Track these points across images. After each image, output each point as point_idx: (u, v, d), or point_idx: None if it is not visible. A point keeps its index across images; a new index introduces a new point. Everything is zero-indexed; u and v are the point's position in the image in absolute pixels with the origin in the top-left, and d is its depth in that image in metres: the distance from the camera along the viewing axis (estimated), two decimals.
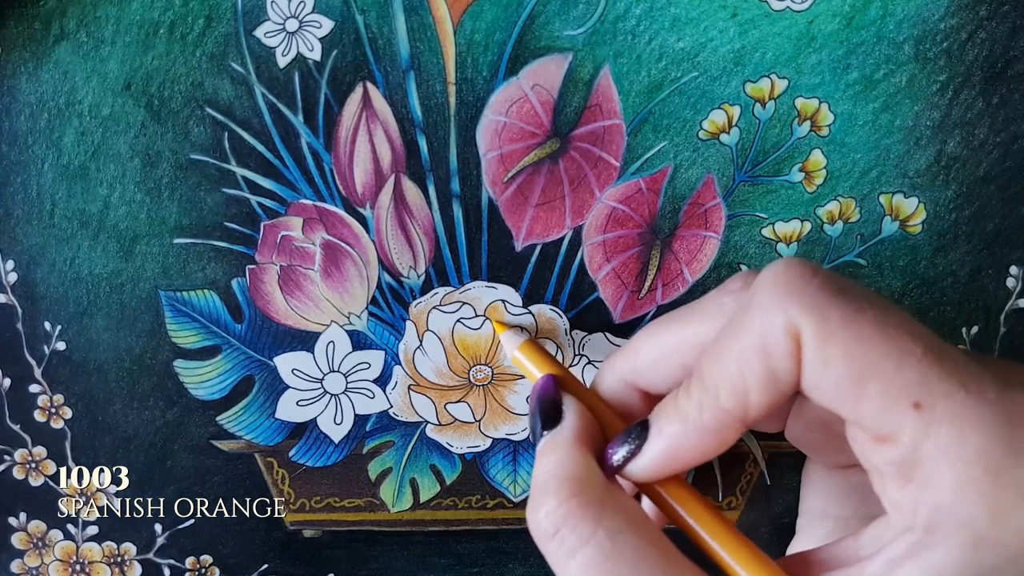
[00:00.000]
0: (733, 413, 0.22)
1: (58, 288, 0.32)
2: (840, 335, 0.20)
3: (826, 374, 0.20)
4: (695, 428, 0.22)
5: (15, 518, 0.35)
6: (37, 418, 0.34)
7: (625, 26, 0.29)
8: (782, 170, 0.31)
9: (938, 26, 0.29)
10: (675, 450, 0.23)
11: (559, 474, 0.23)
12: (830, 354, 0.20)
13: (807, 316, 0.20)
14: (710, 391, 0.22)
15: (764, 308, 0.21)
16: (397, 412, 0.34)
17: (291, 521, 0.35)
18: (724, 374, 0.22)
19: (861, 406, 0.20)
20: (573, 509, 0.22)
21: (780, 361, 0.21)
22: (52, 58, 0.30)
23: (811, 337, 0.20)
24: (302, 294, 0.32)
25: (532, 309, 0.33)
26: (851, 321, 0.20)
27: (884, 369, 0.20)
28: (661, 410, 0.23)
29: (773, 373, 0.21)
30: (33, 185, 0.31)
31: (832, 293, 0.21)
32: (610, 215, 0.31)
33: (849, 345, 0.20)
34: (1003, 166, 0.31)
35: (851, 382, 0.20)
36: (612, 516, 0.22)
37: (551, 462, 0.24)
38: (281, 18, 0.29)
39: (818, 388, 0.21)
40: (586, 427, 0.25)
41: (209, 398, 0.34)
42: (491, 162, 0.31)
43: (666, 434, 0.23)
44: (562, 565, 0.22)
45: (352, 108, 0.30)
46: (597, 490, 0.23)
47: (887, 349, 0.20)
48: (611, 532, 0.22)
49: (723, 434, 0.22)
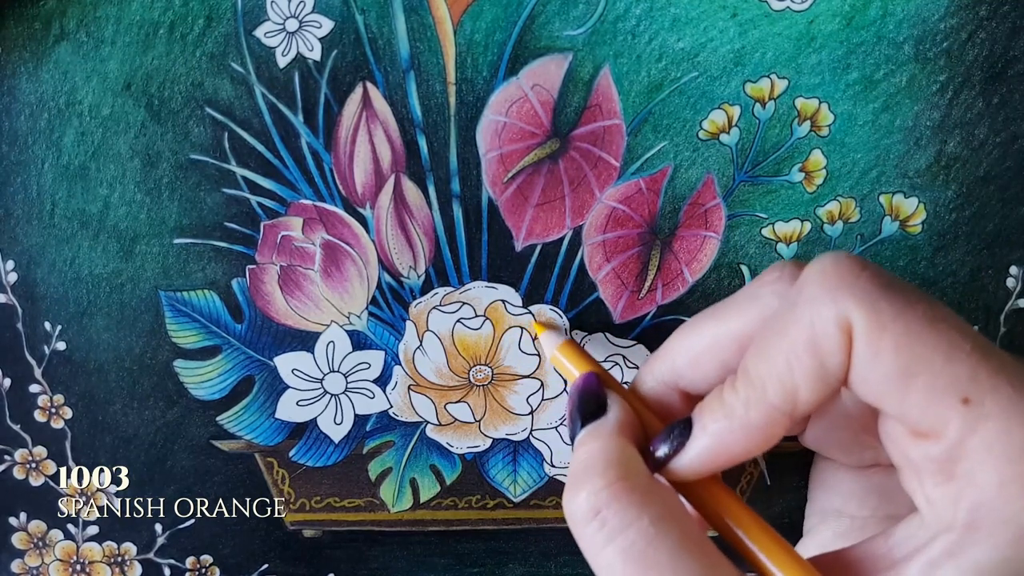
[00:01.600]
0: (781, 409, 0.22)
1: (58, 288, 0.32)
2: (892, 327, 0.20)
3: (876, 367, 0.20)
4: (741, 425, 0.22)
5: (15, 518, 0.35)
6: (37, 418, 0.34)
7: (625, 26, 0.29)
8: (782, 170, 0.31)
9: (938, 26, 0.29)
10: (719, 447, 0.23)
11: (604, 458, 0.23)
12: (881, 347, 0.20)
13: (860, 308, 0.20)
14: (757, 387, 0.22)
15: (814, 301, 0.21)
16: (397, 412, 0.34)
17: (291, 521, 0.35)
18: (772, 369, 0.21)
19: (908, 400, 0.20)
20: (618, 492, 0.22)
21: (831, 355, 0.21)
22: (52, 58, 0.30)
23: (863, 329, 0.20)
24: (302, 294, 0.32)
25: (532, 309, 0.33)
26: (901, 314, 0.20)
27: (933, 363, 0.20)
28: (705, 407, 0.23)
29: (823, 367, 0.21)
30: (33, 185, 0.31)
31: (882, 286, 0.21)
32: (610, 215, 0.31)
33: (900, 338, 0.20)
34: (1003, 166, 0.31)
35: (900, 375, 0.20)
36: (657, 504, 0.22)
37: (594, 449, 0.23)
38: (281, 18, 0.29)
39: (866, 381, 0.21)
40: (630, 423, 0.25)
41: (209, 398, 0.34)
42: (491, 162, 0.31)
43: (710, 431, 0.23)
44: (599, 549, 0.21)
45: (352, 108, 0.30)
46: (643, 476, 0.22)
47: (937, 343, 0.20)
48: (655, 519, 0.21)
49: (770, 430, 0.22)
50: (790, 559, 0.22)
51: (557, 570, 0.36)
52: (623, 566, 0.21)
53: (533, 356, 0.33)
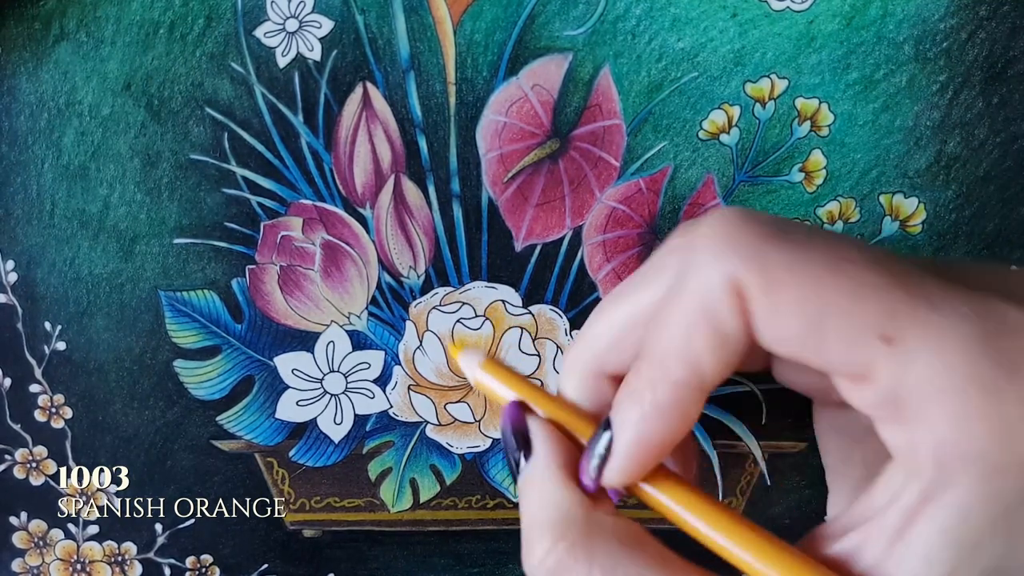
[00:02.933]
0: (688, 383, 0.20)
1: (58, 288, 0.32)
2: (788, 281, 0.19)
3: (780, 325, 0.19)
4: (653, 409, 0.21)
5: (16, 517, 0.35)
6: (37, 418, 0.34)
7: (625, 26, 0.29)
8: (782, 170, 0.31)
9: (938, 26, 0.29)
10: (643, 440, 0.21)
11: (540, 518, 0.22)
12: (780, 303, 0.19)
13: (747, 266, 0.19)
14: (659, 366, 0.20)
15: (701, 265, 0.19)
16: (397, 412, 0.34)
17: (291, 521, 0.35)
18: (671, 344, 0.20)
19: (825, 350, 0.19)
20: (563, 555, 0.21)
21: (727, 321, 0.19)
22: (52, 58, 0.30)
23: (756, 289, 0.19)
24: (302, 294, 0.32)
25: (532, 309, 0.33)
26: (796, 263, 0.19)
27: (841, 306, 0.18)
28: (617, 400, 0.22)
29: (722, 335, 0.19)
30: (33, 185, 0.31)
31: (771, 237, 0.19)
32: (610, 215, 0.31)
33: (798, 289, 0.19)
34: (1003, 166, 0.31)
35: (809, 327, 0.19)
36: (604, 549, 0.21)
37: (531, 503, 0.23)
38: (281, 18, 0.29)
39: (776, 341, 0.19)
40: (558, 452, 0.23)
41: (209, 398, 0.34)
42: (491, 162, 0.31)
43: (627, 425, 0.21)
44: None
45: (352, 108, 0.30)
46: (582, 526, 0.22)
47: (841, 284, 0.18)
48: (606, 568, 0.21)
49: (684, 408, 0.21)
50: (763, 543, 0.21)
51: None
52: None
53: (533, 356, 0.33)
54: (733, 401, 0.33)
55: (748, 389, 0.33)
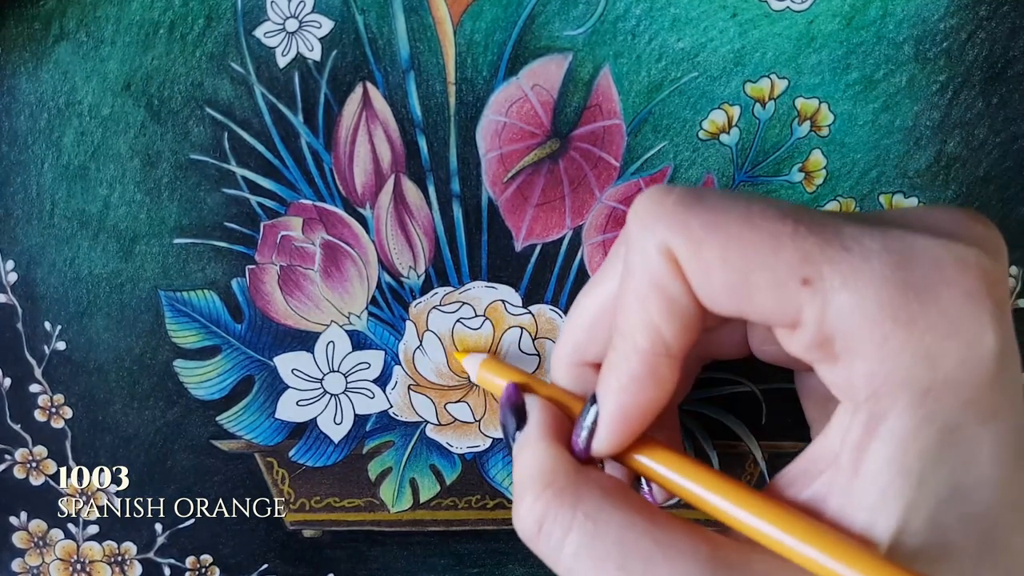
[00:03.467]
0: (655, 352, 0.22)
1: (58, 288, 0.32)
2: (708, 240, 0.20)
3: (711, 282, 0.20)
4: (629, 379, 0.22)
5: (16, 517, 0.35)
6: (37, 418, 0.34)
7: (625, 26, 0.29)
8: (782, 170, 0.31)
9: (938, 26, 0.29)
10: (625, 409, 0.23)
11: (531, 472, 0.23)
12: (706, 261, 0.20)
13: (673, 233, 0.20)
14: (628, 340, 0.22)
15: (636, 241, 0.21)
16: (397, 412, 0.34)
17: (291, 521, 0.35)
18: (632, 318, 0.22)
19: (754, 301, 0.20)
20: (550, 500, 0.22)
21: (670, 285, 0.21)
22: (52, 58, 0.30)
23: (683, 251, 0.20)
24: (302, 294, 0.32)
25: (532, 309, 0.33)
26: (714, 224, 0.20)
27: (761, 257, 0.19)
28: (599, 377, 0.23)
29: (670, 299, 0.21)
30: (33, 185, 0.31)
31: (689, 204, 0.20)
32: (610, 215, 0.31)
33: (719, 246, 0.20)
34: (1003, 166, 0.31)
35: (736, 281, 0.20)
36: (589, 496, 0.22)
37: (522, 462, 0.24)
38: (281, 18, 0.29)
39: (712, 299, 0.21)
40: (551, 420, 0.25)
41: (209, 398, 0.34)
42: (491, 162, 0.31)
43: (610, 396, 0.23)
44: (555, 559, 0.22)
45: (352, 108, 0.30)
46: (569, 475, 0.23)
47: (757, 237, 0.20)
48: (591, 512, 0.22)
49: (658, 375, 0.22)
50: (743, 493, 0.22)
51: None
52: (579, 569, 0.21)
53: (533, 356, 0.33)
54: (733, 401, 0.33)
55: (748, 389, 0.33)
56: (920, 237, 0.20)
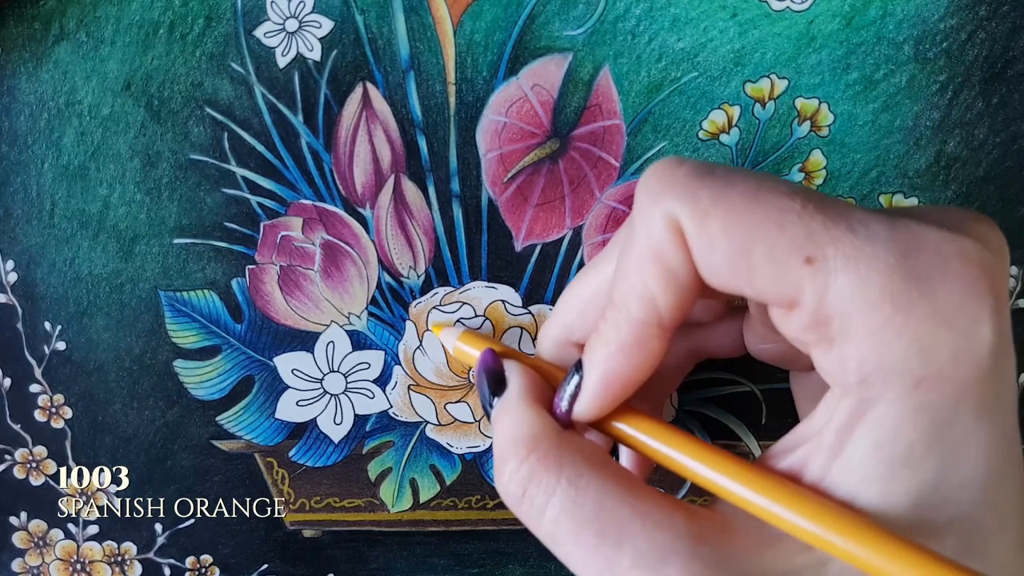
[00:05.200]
0: (647, 321, 0.22)
1: (58, 288, 0.32)
2: (715, 211, 0.20)
3: (713, 255, 0.20)
4: (618, 347, 0.22)
5: (16, 517, 0.35)
6: (37, 418, 0.34)
7: (625, 26, 0.29)
8: (782, 170, 0.31)
9: (938, 26, 0.29)
10: (609, 375, 0.23)
11: (514, 436, 0.23)
12: (710, 233, 0.20)
13: (680, 203, 0.20)
14: (621, 308, 0.22)
15: (643, 211, 0.21)
16: (397, 412, 0.34)
17: (291, 521, 0.35)
18: (628, 287, 0.22)
19: (755, 277, 0.20)
20: (534, 465, 0.22)
21: (671, 256, 0.21)
22: (52, 58, 0.30)
23: (689, 222, 0.20)
24: (302, 294, 0.32)
25: (532, 309, 0.33)
26: (722, 196, 0.20)
27: (766, 232, 0.19)
28: (587, 345, 0.24)
29: (670, 271, 0.21)
30: (33, 185, 0.31)
31: (700, 176, 0.20)
32: (610, 215, 0.31)
33: (725, 219, 0.20)
34: (1003, 166, 0.31)
35: (738, 255, 0.20)
36: (571, 462, 0.22)
37: (503, 427, 0.24)
38: (281, 18, 0.29)
39: (713, 272, 0.21)
40: (532, 385, 0.25)
41: (209, 398, 0.34)
42: (491, 162, 0.31)
43: (596, 363, 0.23)
44: (536, 524, 0.22)
45: (352, 108, 0.30)
46: (552, 440, 0.23)
47: (764, 212, 0.19)
48: (572, 478, 0.22)
49: (647, 345, 0.22)
50: (722, 459, 0.22)
51: (557, 571, 0.36)
52: (559, 534, 0.22)
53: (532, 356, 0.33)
54: (733, 401, 0.33)
55: (748, 389, 0.33)
56: (926, 228, 0.19)
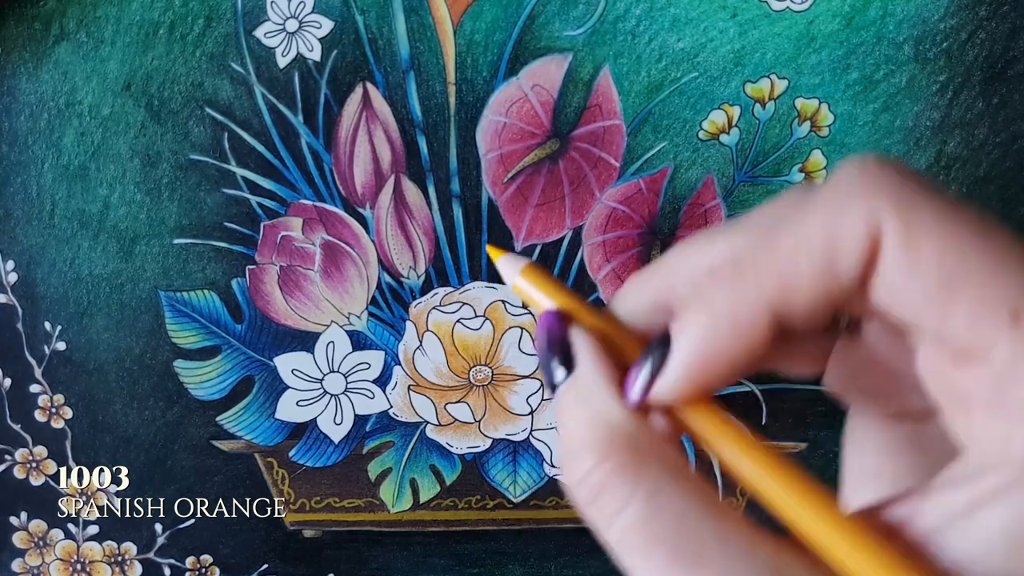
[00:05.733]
0: (771, 302, 0.19)
1: (58, 288, 0.32)
2: (935, 232, 0.18)
3: (912, 278, 0.18)
4: (725, 318, 0.19)
5: (16, 517, 0.35)
6: (38, 418, 0.34)
7: (625, 26, 0.29)
8: (782, 170, 0.31)
9: (938, 26, 0.29)
10: (705, 355, 0.19)
11: (589, 432, 0.21)
12: (920, 254, 0.18)
13: (897, 212, 0.18)
14: (749, 276, 0.19)
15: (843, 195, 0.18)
16: (397, 412, 0.34)
17: (291, 521, 0.35)
18: (773, 258, 0.19)
19: (950, 316, 0.18)
20: (608, 475, 0.20)
21: (847, 256, 0.18)
22: (52, 58, 0.30)
23: (898, 233, 0.18)
24: (302, 294, 0.32)
25: (532, 309, 0.33)
26: (946, 220, 0.18)
27: (981, 274, 0.17)
28: (684, 308, 0.20)
29: (833, 268, 0.18)
30: (33, 185, 0.31)
31: (925, 189, 0.18)
32: (610, 215, 0.31)
33: (943, 244, 0.18)
34: (1003, 166, 0.31)
35: (941, 287, 0.18)
36: (649, 474, 0.20)
37: (574, 419, 0.21)
38: (281, 18, 0.29)
39: (899, 295, 0.18)
40: (606, 363, 0.22)
41: (209, 398, 0.34)
42: (491, 162, 0.31)
43: (690, 336, 0.20)
44: (605, 529, 0.20)
45: (352, 108, 0.30)
46: (630, 446, 0.20)
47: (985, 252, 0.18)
48: (650, 493, 0.20)
49: (755, 331, 0.19)
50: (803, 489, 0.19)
51: (557, 571, 0.36)
52: (628, 544, 0.20)
53: (533, 356, 0.33)
54: (733, 401, 0.33)
55: (748, 389, 0.33)
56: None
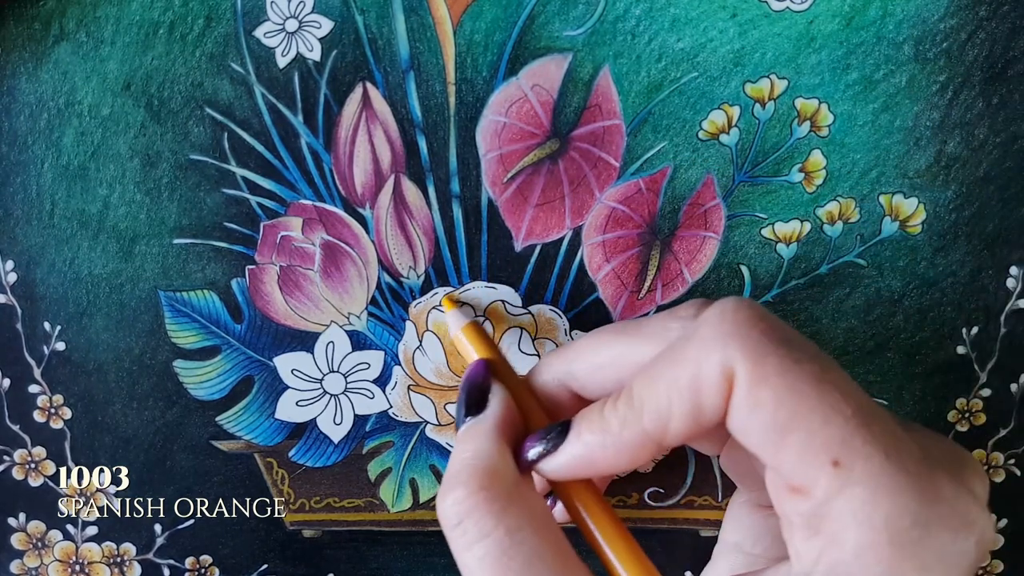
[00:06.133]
0: (652, 435, 0.22)
1: (58, 288, 0.32)
2: (773, 382, 0.20)
3: (752, 418, 0.21)
4: (613, 442, 0.23)
5: (14, 518, 0.35)
6: (37, 418, 0.34)
7: (625, 26, 0.29)
8: (782, 170, 0.31)
9: (938, 26, 0.29)
10: (589, 457, 0.23)
11: (472, 464, 0.24)
12: (760, 399, 0.21)
13: (745, 359, 0.21)
14: (635, 410, 0.22)
15: (704, 342, 0.21)
16: (397, 412, 0.34)
17: (291, 521, 0.35)
18: (652, 397, 0.22)
19: (781, 454, 0.21)
20: (479, 502, 0.23)
21: (709, 397, 0.21)
22: (52, 58, 0.30)
23: (744, 380, 0.21)
24: (302, 294, 0.32)
25: (532, 309, 0.33)
26: (787, 371, 0.21)
27: (810, 422, 0.20)
28: (584, 416, 0.24)
29: (699, 407, 0.21)
30: (33, 185, 0.31)
31: (775, 342, 0.21)
32: (610, 215, 0.31)
33: (780, 393, 0.20)
34: (1003, 166, 0.31)
35: (776, 430, 0.20)
36: (515, 513, 0.23)
37: (467, 450, 0.24)
38: (281, 18, 0.29)
39: (743, 430, 0.21)
40: (508, 418, 0.26)
41: (209, 398, 0.34)
42: (491, 162, 0.31)
43: (584, 440, 0.23)
44: (460, 552, 0.23)
45: (352, 108, 0.30)
46: (506, 485, 0.23)
47: (817, 403, 0.20)
48: (511, 529, 0.22)
49: (638, 452, 0.23)
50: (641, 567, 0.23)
51: None
52: (479, 572, 0.22)
53: (533, 356, 0.33)
54: None
55: None
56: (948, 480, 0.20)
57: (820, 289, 0.32)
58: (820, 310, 0.32)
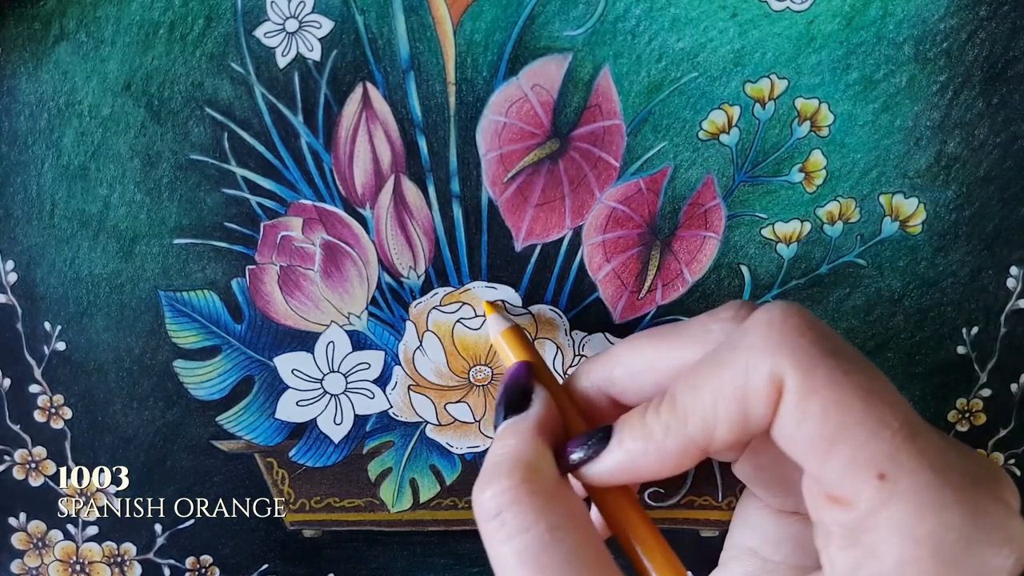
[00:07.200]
0: (697, 442, 0.22)
1: (58, 288, 0.32)
2: (823, 394, 0.20)
3: (800, 428, 0.21)
4: (657, 448, 0.23)
5: (15, 518, 0.35)
6: (37, 418, 0.34)
7: (625, 26, 0.29)
8: (782, 170, 0.31)
9: (938, 26, 0.29)
10: (632, 464, 0.23)
11: (514, 458, 0.23)
12: (809, 410, 0.20)
13: (795, 369, 0.21)
14: (679, 417, 0.22)
15: (752, 350, 0.21)
16: (397, 412, 0.34)
17: (291, 521, 0.35)
18: (697, 404, 0.22)
19: (827, 465, 0.21)
20: (521, 495, 0.22)
21: (756, 406, 0.21)
22: (52, 58, 0.30)
23: (794, 390, 0.21)
24: (302, 294, 0.32)
25: (532, 309, 0.33)
26: (836, 383, 0.20)
27: (857, 435, 0.20)
28: (626, 422, 0.24)
29: (746, 415, 0.21)
30: (33, 185, 0.31)
31: (824, 352, 0.21)
32: (610, 215, 0.31)
33: (829, 405, 0.20)
34: (1003, 166, 0.31)
35: (823, 441, 0.20)
36: (557, 511, 0.22)
37: (508, 445, 0.24)
38: (281, 18, 0.29)
39: (789, 439, 0.21)
40: (550, 420, 0.25)
41: (209, 398, 0.34)
42: (491, 162, 0.31)
43: (626, 447, 0.23)
44: (496, 545, 0.22)
45: (352, 108, 0.30)
46: (548, 481, 0.23)
47: (864, 416, 0.20)
48: (552, 526, 0.22)
49: (682, 459, 0.23)
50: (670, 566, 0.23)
51: None
52: (516, 567, 0.22)
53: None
54: None
55: None
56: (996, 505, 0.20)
57: (820, 289, 0.32)
58: (820, 310, 0.32)
